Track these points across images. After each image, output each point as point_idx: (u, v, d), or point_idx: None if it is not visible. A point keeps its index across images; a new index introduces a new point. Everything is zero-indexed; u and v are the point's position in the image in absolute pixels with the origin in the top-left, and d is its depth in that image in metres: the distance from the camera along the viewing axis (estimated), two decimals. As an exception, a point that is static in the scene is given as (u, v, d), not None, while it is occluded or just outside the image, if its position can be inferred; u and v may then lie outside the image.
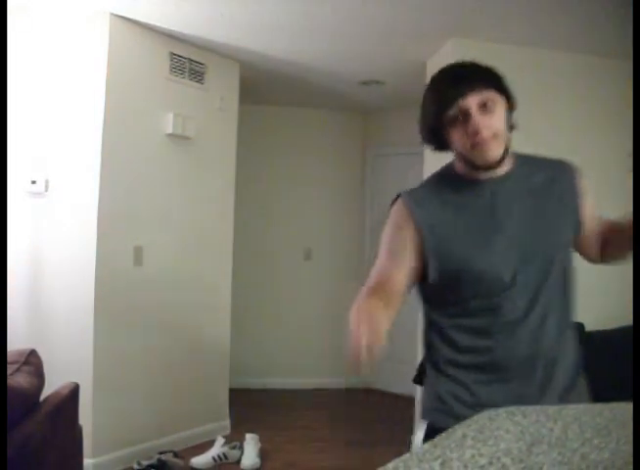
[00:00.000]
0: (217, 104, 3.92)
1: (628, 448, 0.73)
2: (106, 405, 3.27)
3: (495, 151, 1.36)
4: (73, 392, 2.13)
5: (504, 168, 1.43)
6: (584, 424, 0.83)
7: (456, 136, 1.37)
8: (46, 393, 2.04)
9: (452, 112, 1.35)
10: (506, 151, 1.39)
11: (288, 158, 5.39)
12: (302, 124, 5.42)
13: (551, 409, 0.91)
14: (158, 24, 3.42)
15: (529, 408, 0.92)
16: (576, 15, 3.07)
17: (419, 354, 3.61)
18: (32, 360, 2.03)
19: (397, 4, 3.03)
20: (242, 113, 4.21)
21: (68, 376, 2.32)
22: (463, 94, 1.33)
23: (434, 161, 4.05)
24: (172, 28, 3.48)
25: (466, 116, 1.34)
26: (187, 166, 3.75)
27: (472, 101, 1.34)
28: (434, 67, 3.81)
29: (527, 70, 3.58)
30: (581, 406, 0.94)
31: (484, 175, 1.42)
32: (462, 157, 1.42)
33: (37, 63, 3.32)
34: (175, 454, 3.37)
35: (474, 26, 3.32)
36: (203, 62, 3.79)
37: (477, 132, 1.33)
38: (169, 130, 3.57)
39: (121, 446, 3.33)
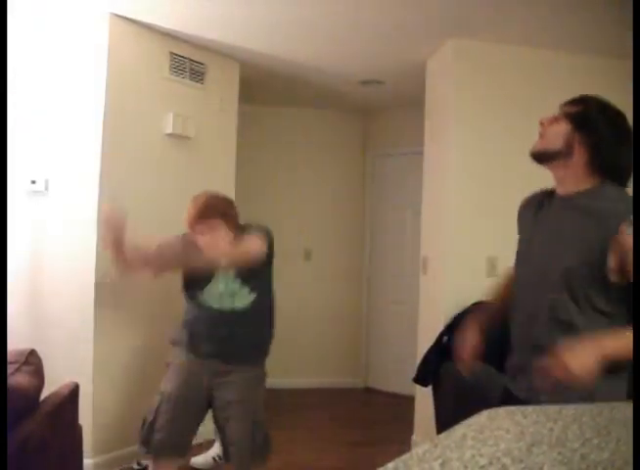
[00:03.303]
0: (217, 104, 3.92)
1: (628, 449, 0.73)
2: (106, 405, 3.27)
3: (535, 146, 1.67)
4: (73, 392, 2.14)
5: (570, 189, 1.65)
6: (584, 424, 0.83)
7: None
8: (46, 393, 2.04)
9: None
10: (547, 156, 1.66)
11: (288, 158, 5.38)
12: (302, 124, 5.42)
13: (551, 409, 0.91)
14: (158, 24, 3.42)
15: (529, 408, 0.92)
16: (577, 15, 3.07)
17: (419, 354, 3.61)
18: (32, 360, 2.03)
19: (397, 4, 3.03)
20: (242, 113, 4.21)
21: (68, 376, 2.32)
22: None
23: (435, 161, 4.08)
24: (172, 28, 3.48)
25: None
26: (187, 166, 3.75)
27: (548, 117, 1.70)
28: (433, 66, 3.81)
29: (528, 70, 3.58)
30: (581, 407, 0.94)
31: (561, 191, 1.68)
32: None
33: (38, 62, 3.32)
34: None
35: (474, 26, 3.32)
36: (203, 62, 3.79)
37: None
38: (169, 130, 3.57)
39: (121, 446, 3.33)
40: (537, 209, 1.75)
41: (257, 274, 2.54)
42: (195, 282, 2.52)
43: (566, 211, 1.64)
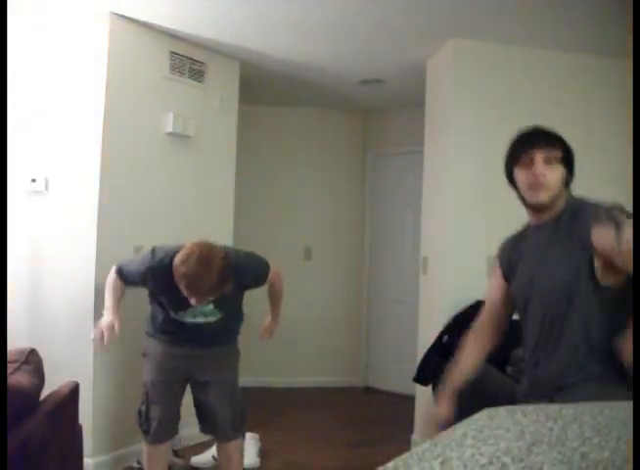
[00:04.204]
0: (217, 103, 3.92)
1: (628, 448, 0.73)
2: (106, 405, 3.27)
3: (542, 196, 1.70)
4: (73, 391, 2.14)
5: (546, 219, 1.75)
6: (584, 423, 0.83)
7: (521, 176, 1.74)
8: (46, 392, 2.04)
9: (523, 156, 1.73)
10: (552, 203, 1.72)
11: (288, 157, 5.38)
12: (302, 124, 5.41)
13: (551, 408, 0.91)
14: (158, 24, 3.42)
15: (529, 408, 0.92)
16: (576, 15, 3.07)
17: (419, 354, 3.61)
18: (32, 359, 2.03)
19: (398, 4, 3.03)
20: (242, 112, 4.21)
21: (67, 375, 2.32)
22: (534, 147, 1.72)
23: (435, 161, 4.07)
24: (172, 27, 3.48)
25: (532, 162, 1.71)
26: (187, 166, 3.75)
27: (541, 154, 1.71)
28: (434, 67, 3.81)
29: (528, 70, 3.58)
30: (581, 405, 0.94)
31: (537, 220, 1.78)
32: (521, 197, 1.78)
33: (38, 62, 3.32)
34: (175, 453, 3.37)
35: (474, 26, 3.32)
36: (203, 61, 3.79)
37: (536, 176, 1.70)
38: (169, 129, 3.57)
39: (121, 446, 3.33)
40: (518, 245, 1.89)
41: (232, 300, 2.66)
42: (171, 305, 2.59)
43: (548, 235, 1.74)
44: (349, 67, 4.16)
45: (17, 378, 1.87)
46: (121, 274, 2.66)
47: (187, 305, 2.49)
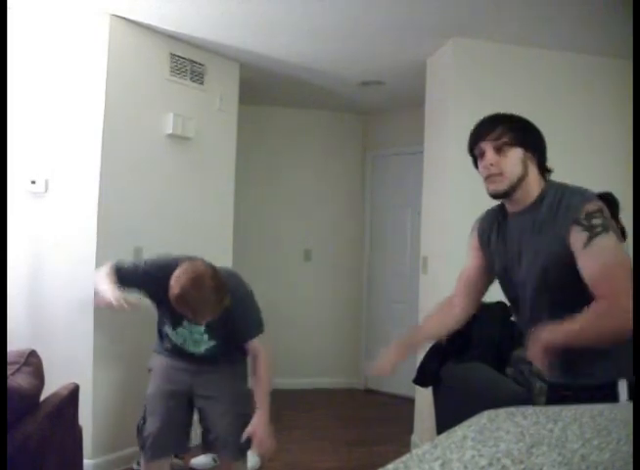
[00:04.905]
0: (217, 104, 3.92)
1: (628, 449, 0.73)
2: (106, 406, 3.27)
3: (498, 186, 1.65)
4: (73, 392, 2.14)
5: (522, 205, 1.67)
6: (584, 425, 0.83)
7: (480, 168, 1.72)
8: (46, 393, 2.04)
9: (476, 149, 1.70)
10: (513, 188, 1.64)
11: (287, 158, 5.39)
12: (302, 125, 5.42)
13: (551, 410, 0.91)
14: (158, 25, 3.42)
15: (529, 409, 0.92)
16: (576, 15, 3.07)
17: (419, 355, 3.61)
18: (32, 361, 2.03)
19: (397, 4, 3.03)
20: (241, 113, 4.21)
21: (68, 376, 2.32)
22: (482, 138, 1.68)
23: (435, 161, 4.07)
24: (172, 29, 3.48)
25: (483, 153, 1.67)
26: (187, 167, 3.75)
27: (489, 144, 1.65)
28: (434, 66, 3.81)
29: (528, 70, 3.58)
30: (581, 407, 0.94)
31: (512, 208, 1.71)
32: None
33: (37, 63, 3.32)
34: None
35: (474, 26, 3.32)
36: (202, 62, 3.79)
37: (487, 167, 1.66)
38: (169, 131, 3.57)
39: (121, 447, 3.33)
40: (497, 229, 1.79)
41: (223, 330, 2.47)
42: (165, 320, 2.49)
43: (529, 224, 1.66)
44: (350, 68, 4.16)
45: (17, 379, 1.88)
46: (119, 272, 2.43)
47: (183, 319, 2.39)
